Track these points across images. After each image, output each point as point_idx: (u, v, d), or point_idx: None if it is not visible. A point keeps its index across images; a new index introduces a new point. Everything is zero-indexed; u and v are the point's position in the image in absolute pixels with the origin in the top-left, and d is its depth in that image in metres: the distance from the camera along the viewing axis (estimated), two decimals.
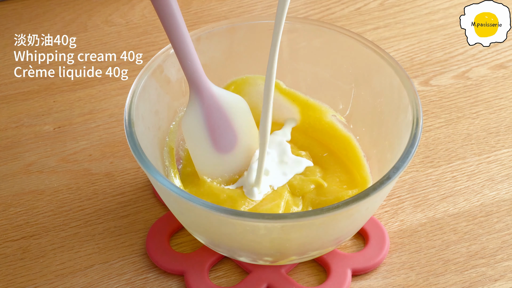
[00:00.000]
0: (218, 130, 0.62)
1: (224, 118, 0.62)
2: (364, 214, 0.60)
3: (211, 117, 0.62)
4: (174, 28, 0.58)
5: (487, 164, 0.71)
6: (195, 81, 0.61)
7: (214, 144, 0.63)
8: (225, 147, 0.63)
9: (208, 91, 0.62)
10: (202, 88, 0.61)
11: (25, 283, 0.64)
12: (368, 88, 0.66)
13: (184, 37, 0.58)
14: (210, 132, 0.62)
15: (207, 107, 0.62)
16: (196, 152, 0.63)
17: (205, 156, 0.63)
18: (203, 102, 0.62)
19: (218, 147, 0.63)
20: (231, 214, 0.55)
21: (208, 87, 0.62)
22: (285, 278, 0.63)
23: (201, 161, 0.63)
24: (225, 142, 0.63)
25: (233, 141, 0.63)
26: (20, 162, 0.72)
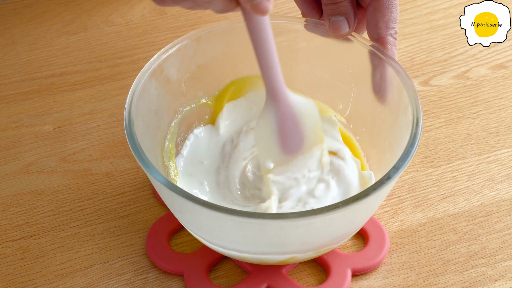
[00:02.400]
0: (289, 135, 0.64)
1: (296, 123, 0.63)
2: (364, 214, 0.60)
3: (284, 123, 0.63)
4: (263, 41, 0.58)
5: (487, 164, 0.71)
6: (275, 91, 0.61)
7: (282, 147, 0.64)
8: (292, 149, 0.64)
9: (285, 99, 0.62)
10: (280, 97, 0.62)
11: (25, 283, 0.64)
12: (368, 88, 0.66)
13: (272, 50, 0.59)
14: (281, 137, 0.63)
15: (281, 115, 0.62)
16: (264, 153, 0.64)
17: (272, 156, 0.64)
18: (278, 110, 0.62)
19: (285, 149, 0.64)
20: (231, 214, 0.55)
21: (285, 96, 0.62)
22: (285, 278, 0.63)
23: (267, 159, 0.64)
24: (293, 145, 0.64)
25: (300, 144, 0.64)
26: (20, 162, 0.72)
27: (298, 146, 0.64)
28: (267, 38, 0.59)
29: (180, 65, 0.67)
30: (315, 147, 0.65)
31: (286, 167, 0.64)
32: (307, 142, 0.64)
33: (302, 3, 0.67)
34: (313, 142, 0.64)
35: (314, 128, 0.64)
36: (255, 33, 0.58)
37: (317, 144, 0.65)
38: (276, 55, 0.60)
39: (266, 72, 0.60)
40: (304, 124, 0.63)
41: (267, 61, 0.60)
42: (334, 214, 0.55)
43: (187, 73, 0.67)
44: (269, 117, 0.62)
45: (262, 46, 0.59)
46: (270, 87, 0.61)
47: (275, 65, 0.60)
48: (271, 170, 0.64)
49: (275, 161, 0.64)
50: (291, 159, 0.64)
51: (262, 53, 0.59)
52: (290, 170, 0.64)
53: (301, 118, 0.63)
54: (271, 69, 0.60)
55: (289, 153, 0.64)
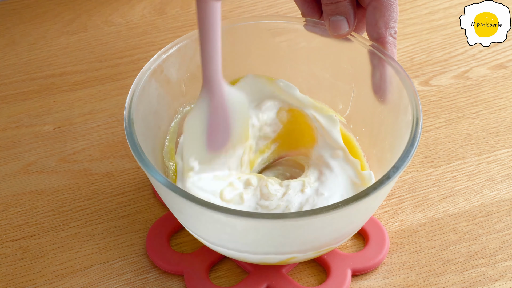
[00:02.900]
0: (216, 129, 0.63)
1: (225, 118, 0.63)
2: (364, 214, 0.60)
3: (214, 117, 0.62)
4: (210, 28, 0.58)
5: (487, 164, 0.71)
6: (213, 83, 0.61)
7: (208, 143, 0.63)
8: (217, 145, 0.63)
9: (220, 93, 0.61)
10: (216, 90, 0.61)
11: (25, 283, 0.64)
12: (368, 88, 0.66)
13: (216, 38, 0.58)
14: (209, 131, 0.62)
15: (214, 107, 0.62)
16: (189, 148, 0.63)
17: (197, 153, 0.63)
18: (212, 103, 0.61)
19: (211, 145, 0.63)
20: (231, 214, 0.55)
21: (221, 88, 0.61)
22: (285, 278, 0.63)
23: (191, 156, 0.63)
24: (219, 141, 0.63)
25: (225, 140, 0.63)
26: (20, 162, 0.72)
27: (224, 144, 0.63)
28: (214, 26, 0.58)
29: (180, 65, 0.67)
30: (239, 145, 0.64)
31: (208, 165, 0.63)
32: (232, 140, 0.64)
33: (302, 3, 0.67)
34: (239, 139, 0.64)
35: (242, 124, 0.64)
36: (203, 19, 0.57)
37: (242, 143, 0.65)
38: (219, 45, 0.59)
39: (206, 60, 0.59)
40: (233, 120, 0.63)
41: (209, 49, 0.59)
42: (334, 214, 0.55)
43: (187, 73, 0.67)
44: (201, 110, 0.62)
45: (208, 33, 0.58)
46: (207, 77, 0.60)
47: (216, 55, 0.59)
48: (193, 169, 0.63)
49: (198, 158, 0.63)
50: (214, 157, 0.63)
51: (205, 40, 0.58)
52: (211, 169, 0.63)
53: (232, 113, 0.63)
54: (212, 58, 0.59)
55: (214, 150, 0.63)
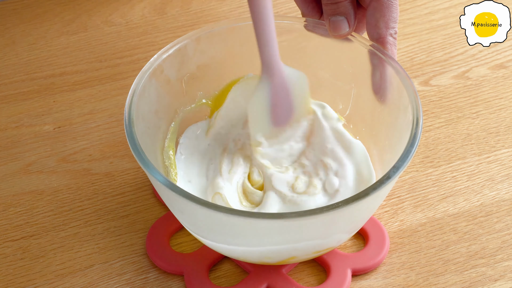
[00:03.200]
0: (280, 106, 0.65)
1: (287, 95, 0.65)
2: (364, 214, 0.60)
3: (276, 96, 0.65)
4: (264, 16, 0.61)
5: (487, 164, 0.71)
6: (272, 65, 0.63)
7: (273, 119, 0.66)
8: (282, 121, 0.66)
9: (279, 74, 0.64)
10: (276, 71, 0.64)
11: (25, 283, 0.64)
12: (368, 88, 0.66)
13: (270, 24, 0.61)
14: (273, 109, 0.65)
15: (275, 86, 0.64)
16: (255, 126, 0.66)
17: (263, 129, 0.66)
18: (272, 82, 0.64)
19: (276, 121, 0.66)
20: (231, 214, 0.55)
21: (280, 69, 0.64)
22: (285, 278, 0.63)
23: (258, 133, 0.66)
24: (283, 117, 0.66)
25: (289, 115, 0.66)
26: (20, 162, 0.72)
27: (288, 118, 0.66)
28: (268, 13, 0.61)
29: (180, 65, 0.67)
30: (303, 118, 0.67)
31: (276, 140, 0.66)
32: (296, 113, 0.66)
33: (302, 3, 0.67)
34: (302, 113, 0.67)
35: (303, 99, 0.66)
36: (258, 6, 0.60)
37: (305, 115, 0.67)
38: (274, 30, 0.62)
39: (263, 45, 0.62)
40: (294, 96, 0.65)
41: (265, 35, 0.61)
42: (334, 214, 0.55)
43: (187, 73, 0.68)
44: (264, 90, 0.64)
45: (262, 20, 0.61)
46: (266, 61, 0.63)
47: (272, 39, 0.62)
48: (261, 143, 0.66)
49: (265, 134, 0.66)
50: (280, 132, 0.66)
51: (261, 28, 0.61)
52: (278, 142, 0.66)
53: (293, 90, 0.65)
54: (269, 43, 0.62)
55: (280, 124, 0.66)
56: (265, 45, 0.62)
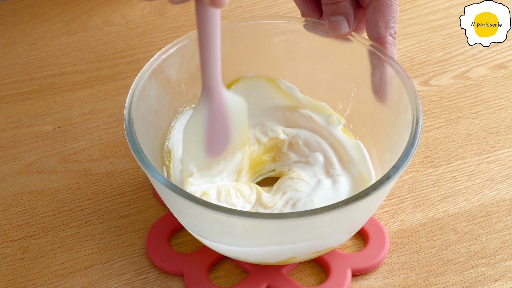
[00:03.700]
0: (216, 135, 0.62)
1: (225, 123, 0.62)
2: (364, 214, 0.60)
3: (213, 123, 0.62)
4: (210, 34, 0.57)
5: (487, 164, 0.71)
6: (212, 89, 0.60)
7: (207, 148, 0.62)
8: (216, 151, 0.63)
9: (219, 98, 0.61)
10: (215, 96, 0.60)
11: (25, 283, 0.64)
12: (368, 88, 0.66)
13: (216, 45, 0.58)
14: (208, 137, 0.62)
15: (213, 113, 0.61)
16: (188, 154, 0.63)
17: (196, 158, 0.62)
18: (211, 108, 0.61)
19: (210, 150, 0.63)
20: (231, 214, 0.55)
21: (220, 94, 0.61)
22: (285, 278, 0.63)
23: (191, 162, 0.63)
24: (218, 146, 0.63)
25: (224, 145, 0.63)
26: (20, 162, 0.72)
27: (223, 149, 0.63)
28: (214, 31, 0.57)
29: (180, 65, 0.67)
30: (237, 151, 0.64)
31: (208, 171, 0.63)
32: (232, 145, 0.63)
33: (302, 3, 0.67)
34: (237, 145, 0.64)
35: (241, 129, 0.64)
36: (203, 25, 0.56)
37: (241, 148, 0.64)
38: (219, 50, 0.58)
39: (205, 66, 0.58)
40: (232, 125, 0.63)
41: (208, 54, 0.58)
42: (334, 214, 0.55)
43: (187, 73, 0.67)
44: (200, 116, 0.61)
45: (208, 38, 0.57)
46: (207, 82, 0.60)
47: (215, 60, 0.58)
48: (192, 174, 0.62)
49: (197, 164, 0.62)
50: (213, 163, 0.63)
51: (205, 46, 0.57)
52: (210, 174, 0.63)
53: (231, 118, 0.62)
54: (211, 63, 0.58)
55: (214, 155, 0.63)
56: (206, 65, 0.58)
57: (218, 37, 0.57)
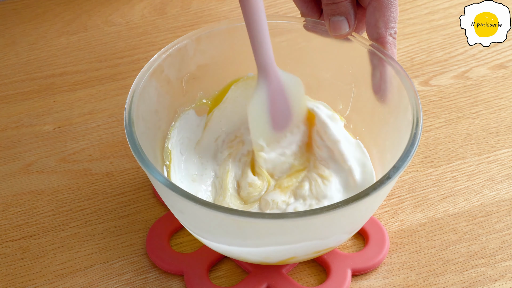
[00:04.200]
0: (279, 111, 0.66)
1: (285, 99, 0.65)
2: (364, 214, 0.60)
3: (274, 100, 0.65)
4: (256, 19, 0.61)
5: (487, 164, 0.71)
6: (267, 68, 0.63)
7: (273, 124, 0.66)
8: (282, 125, 0.66)
9: (276, 77, 0.64)
10: (272, 75, 0.64)
11: (25, 283, 0.64)
12: (368, 88, 0.66)
13: (264, 28, 0.61)
14: (272, 113, 0.65)
15: (272, 92, 0.64)
16: (256, 130, 0.66)
17: (264, 134, 0.66)
18: (269, 87, 0.64)
19: (276, 126, 0.66)
20: (231, 214, 0.55)
21: (276, 73, 0.64)
22: (285, 278, 0.63)
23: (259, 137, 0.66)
24: (282, 121, 0.66)
25: (288, 119, 0.66)
26: (20, 162, 0.72)
27: (287, 122, 0.66)
28: (261, 17, 0.61)
29: (180, 65, 0.67)
30: (301, 123, 0.67)
31: (277, 144, 0.66)
32: (295, 118, 0.66)
33: (301, 3, 0.67)
34: (300, 118, 0.67)
35: (301, 104, 0.66)
36: (249, 12, 0.60)
37: (303, 120, 0.67)
38: (268, 34, 0.62)
39: (258, 50, 0.62)
40: (292, 101, 0.66)
41: (259, 39, 0.62)
42: (334, 214, 0.55)
43: (187, 73, 0.68)
44: (261, 95, 0.64)
45: (256, 25, 0.61)
46: (261, 65, 0.63)
47: (267, 44, 0.62)
48: (263, 148, 0.65)
49: (266, 139, 0.65)
50: (281, 137, 0.66)
51: (255, 32, 0.61)
52: (280, 147, 0.66)
53: (290, 94, 0.65)
54: (263, 47, 0.62)
55: (280, 129, 0.66)
56: (260, 49, 0.62)
57: (264, 20, 0.61)
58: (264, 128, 0.66)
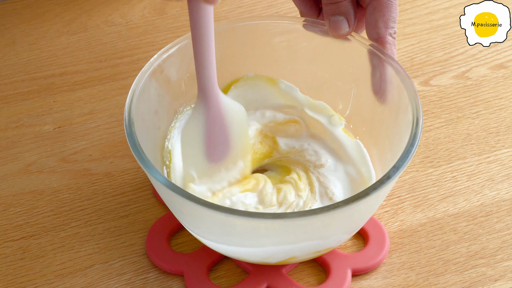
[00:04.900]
0: (215, 140, 0.62)
1: (224, 128, 0.62)
2: (364, 214, 0.60)
3: (212, 127, 0.62)
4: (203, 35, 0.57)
5: (487, 164, 0.71)
6: (207, 91, 0.60)
7: (207, 154, 0.62)
8: (217, 157, 0.63)
9: (216, 102, 0.61)
10: (211, 98, 0.61)
11: (25, 283, 0.64)
12: (368, 88, 0.66)
13: (210, 47, 0.58)
14: (207, 142, 0.62)
15: (211, 118, 0.61)
16: (188, 159, 0.63)
17: (196, 164, 0.63)
18: (208, 112, 0.61)
19: (210, 157, 0.63)
20: (231, 214, 0.55)
21: (217, 97, 0.61)
22: (285, 278, 0.63)
23: (191, 167, 0.63)
24: (218, 153, 0.63)
25: (225, 152, 0.63)
26: (20, 162, 0.72)
27: (224, 155, 0.63)
28: (208, 31, 0.57)
29: (180, 65, 0.67)
30: (239, 159, 0.64)
31: (209, 178, 0.63)
32: (233, 152, 0.63)
33: (300, 3, 0.67)
34: (239, 153, 0.64)
35: (242, 137, 0.63)
36: (197, 26, 0.57)
37: (242, 156, 0.64)
38: (213, 53, 0.58)
39: (201, 69, 0.59)
40: (231, 132, 0.62)
41: (203, 57, 0.58)
42: (334, 214, 0.55)
43: (187, 73, 0.67)
44: (198, 120, 0.61)
45: (202, 40, 0.57)
46: (202, 86, 0.60)
47: (210, 63, 0.59)
48: (194, 180, 0.63)
49: (198, 169, 0.62)
50: (215, 171, 0.63)
51: (200, 49, 0.58)
52: (212, 181, 0.63)
53: (230, 124, 0.62)
54: (206, 66, 0.59)
55: (214, 161, 0.62)
56: (202, 67, 0.59)
57: (211, 37, 0.57)
58: (198, 157, 0.62)
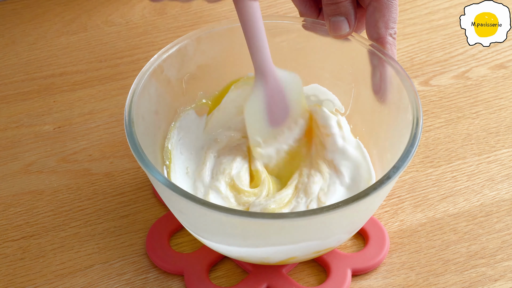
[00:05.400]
0: (276, 109, 0.66)
1: (282, 96, 0.66)
2: (364, 214, 0.60)
3: (272, 98, 0.65)
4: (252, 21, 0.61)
5: (487, 164, 0.71)
6: (265, 69, 0.64)
7: (270, 120, 0.66)
8: (280, 121, 0.67)
9: (273, 76, 0.65)
10: (269, 74, 0.64)
11: (25, 283, 0.64)
12: (368, 88, 0.66)
13: (260, 30, 0.62)
14: (269, 111, 0.66)
15: (270, 91, 0.65)
16: (253, 128, 0.66)
17: (260, 131, 0.66)
18: (267, 86, 0.65)
19: (273, 122, 0.66)
20: (231, 214, 0.55)
21: (273, 72, 0.64)
22: (285, 278, 0.63)
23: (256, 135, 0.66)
24: (280, 117, 0.67)
25: (286, 115, 0.67)
26: (20, 162, 0.72)
27: (285, 118, 0.66)
28: (257, 19, 0.61)
29: (180, 65, 0.67)
30: (299, 119, 0.67)
31: (274, 140, 0.67)
32: (292, 114, 0.67)
33: (300, 3, 0.67)
34: (298, 113, 0.67)
35: (299, 100, 0.67)
36: (245, 15, 0.61)
37: (302, 116, 0.67)
38: (264, 34, 0.62)
39: (255, 50, 0.63)
40: (289, 97, 0.66)
41: (256, 40, 0.62)
42: (334, 214, 0.55)
43: (187, 73, 0.68)
44: (258, 94, 0.65)
45: (252, 26, 0.61)
46: (258, 65, 0.64)
47: (264, 44, 0.63)
48: (260, 144, 0.66)
49: (263, 135, 0.66)
50: (279, 133, 0.67)
51: (251, 34, 0.62)
52: (278, 142, 0.67)
53: (287, 92, 0.66)
54: (260, 47, 0.63)
55: (276, 125, 0.66)
56: (256, 51, 0.63)
57: (260, 22, 0.62)
58: (261, 125, 0.66)
